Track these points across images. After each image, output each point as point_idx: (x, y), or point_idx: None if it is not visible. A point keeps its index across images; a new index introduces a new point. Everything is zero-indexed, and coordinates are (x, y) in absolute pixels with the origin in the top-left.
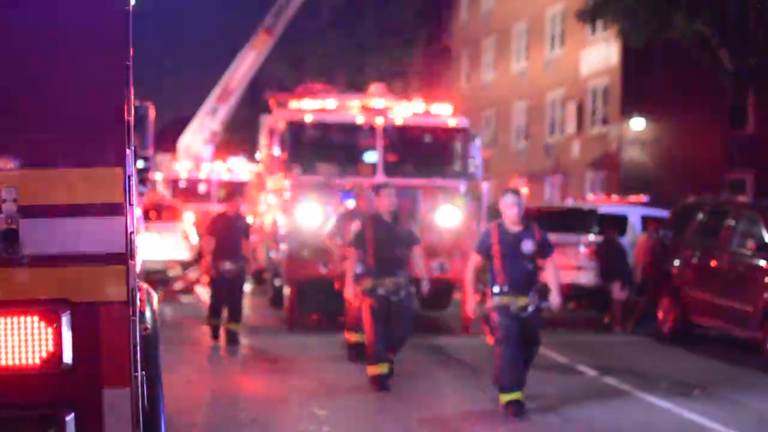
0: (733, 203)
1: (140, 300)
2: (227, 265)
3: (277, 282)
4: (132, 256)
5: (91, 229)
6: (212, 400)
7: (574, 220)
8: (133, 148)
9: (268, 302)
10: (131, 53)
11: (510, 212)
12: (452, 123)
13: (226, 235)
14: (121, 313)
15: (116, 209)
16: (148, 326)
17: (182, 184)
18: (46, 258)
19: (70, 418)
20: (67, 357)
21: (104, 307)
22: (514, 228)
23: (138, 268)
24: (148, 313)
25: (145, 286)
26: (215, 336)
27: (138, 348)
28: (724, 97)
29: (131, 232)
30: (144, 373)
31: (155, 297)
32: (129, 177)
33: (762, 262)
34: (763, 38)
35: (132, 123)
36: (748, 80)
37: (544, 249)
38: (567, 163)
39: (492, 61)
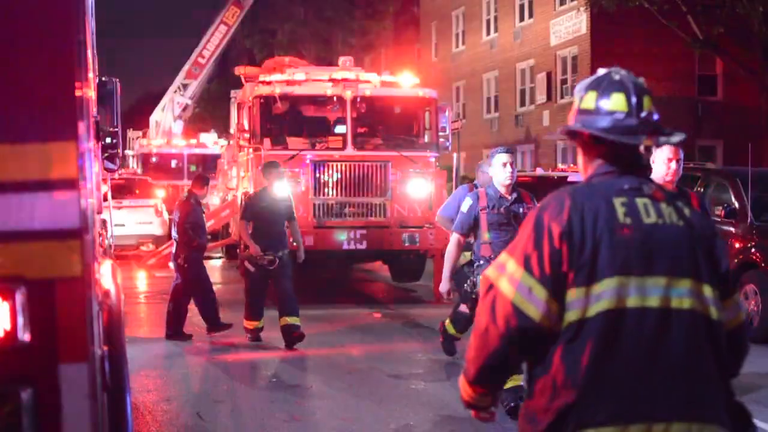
0: (701, 170)
1: (103, 275)
2: (271, 255)
3: None
4: (87, 231)
5: (45, 204)
6: (184, 377)
7: (544, 189)
8: (87, 122)
9: (240, 277)
10: (87, 26)
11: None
12: (421, 95)
13: (268, 218)
14: (77, 288)
15: (70, 184)
16: (112, 302)
17: (154, 160)
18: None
19: (27, 394)
20: (23, 333)
21: (60, 283)
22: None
23: (105, 244)
24: (112, 289)
25: (109, 261)
26: (257, 339)
27: (96, 323)
28: (693, 65)
29: (86, 207)
30: (106, 348)
31: (119, 272)
32: (83, 152)
33: (731, 229)
34: (730, 6)
35: (88, 97)
36: (717, 48)
37: None
38: (538, 133)
39: (461, 33)
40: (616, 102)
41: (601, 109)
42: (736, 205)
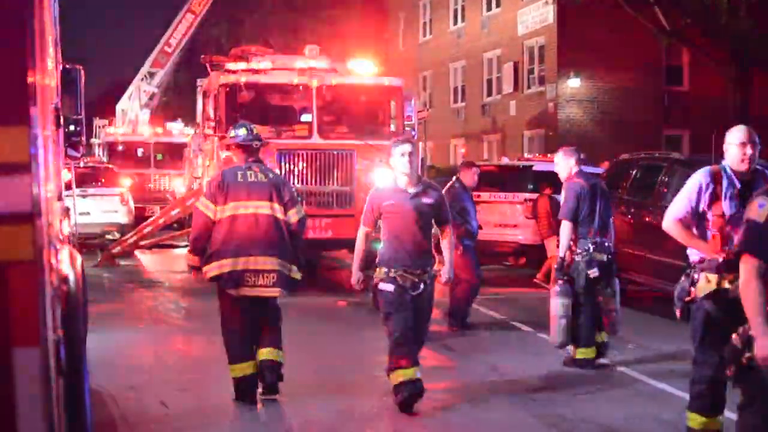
0: (666, 159)
1: (62, 261)
2: (416, 274)
3: None
4: (40, 216)
5: None
6: (148, 365)
7: (510, 178)
8: (43, 108)
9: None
10: (46, 11)
11: None
12: (387, 83)
13: (402, 222)
14: (30, 272)
15: (21, 168)
16: (70, 288)
17: (120, 149)
18: None
19: None
20: None
21: (11, 267)
22: None
23: (68, 231)
24: (71, 275)
25: (68, 248)
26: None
27: (50, 308)
28: (659, 55)
29: (39, 193)
30: (62, 333)
31: (79, 259)
32: (36, 137)
33: None
34: None
35: (44, 83)
36: (683, 38)
37: None
38: (504, 123)
39: (428, 22)
40: (243, 130)
41: (238, 134)
42: None
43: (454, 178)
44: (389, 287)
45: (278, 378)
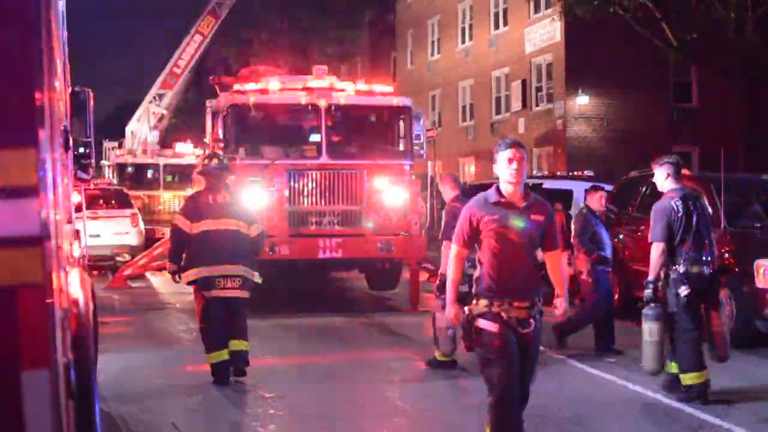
0: None
1: (71, 284)
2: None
3: None
4: (49, 239)
5: (4, 211)
6: (159, 386)
7: None
8: (52, 130)
9: None
10: (54, 35)
11: None
12: (395, 103)
13: (509, 244)
14: (39, 295)
15: (29, 191)
16: (80, 310)
17: (129, 171)
18: None
19: None
20: None
21: (21, 290)
22: None
23: (78, 254)
24: (81, 298)
25: (78, 270)
26: None
27: (60, 330)
28: (667, 71)
29: (47, 215)
30: (72, 356)
31: (89, 282)
32: (44, 159)
33: None
34: (704, 11)
35: (53, 106)
36: (691, 54)
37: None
38: None
39: (437, 41)
40: (215, 161)
41: (210, 164)
42: (710, 211)
43: (581, 203)
44: (492, 327)
45: (246, 363)
